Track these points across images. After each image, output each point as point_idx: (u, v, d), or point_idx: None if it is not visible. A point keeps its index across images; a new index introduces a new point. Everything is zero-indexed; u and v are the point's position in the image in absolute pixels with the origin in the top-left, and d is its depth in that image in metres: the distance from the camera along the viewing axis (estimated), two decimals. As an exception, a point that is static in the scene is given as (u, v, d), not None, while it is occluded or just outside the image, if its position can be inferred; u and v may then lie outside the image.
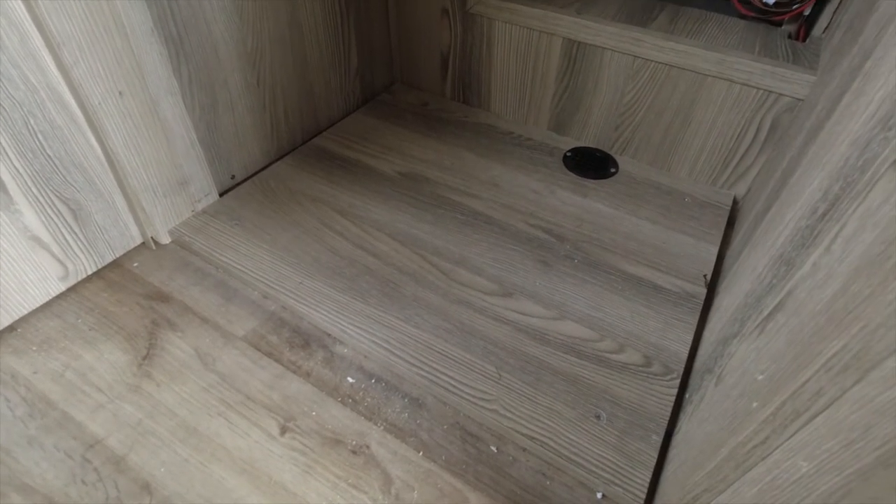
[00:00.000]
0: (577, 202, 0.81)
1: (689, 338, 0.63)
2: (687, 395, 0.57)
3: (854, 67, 0.49)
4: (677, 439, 0.52)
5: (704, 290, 0.69)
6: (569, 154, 0.90)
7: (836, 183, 0.38)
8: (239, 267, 0.68)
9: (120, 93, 0.58)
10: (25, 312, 0.61)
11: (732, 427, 0.36)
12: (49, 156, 0.56)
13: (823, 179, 0.42)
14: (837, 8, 0.73)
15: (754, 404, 0.34)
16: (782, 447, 0.30)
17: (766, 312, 0.41)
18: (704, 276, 0.70)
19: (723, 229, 0.78)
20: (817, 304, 0.31)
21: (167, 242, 0.72)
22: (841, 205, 0.35)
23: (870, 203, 0.30)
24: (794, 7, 0.75)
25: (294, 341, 0.62)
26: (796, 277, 0.37)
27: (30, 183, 0.55)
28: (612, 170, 0.87)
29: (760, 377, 0.35)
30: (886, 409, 0.23)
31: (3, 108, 0.50)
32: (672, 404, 0.56)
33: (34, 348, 0.59)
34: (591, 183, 0.84)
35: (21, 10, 0.48)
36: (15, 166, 0.53)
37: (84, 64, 0.53)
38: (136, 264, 0.69)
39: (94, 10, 0.52)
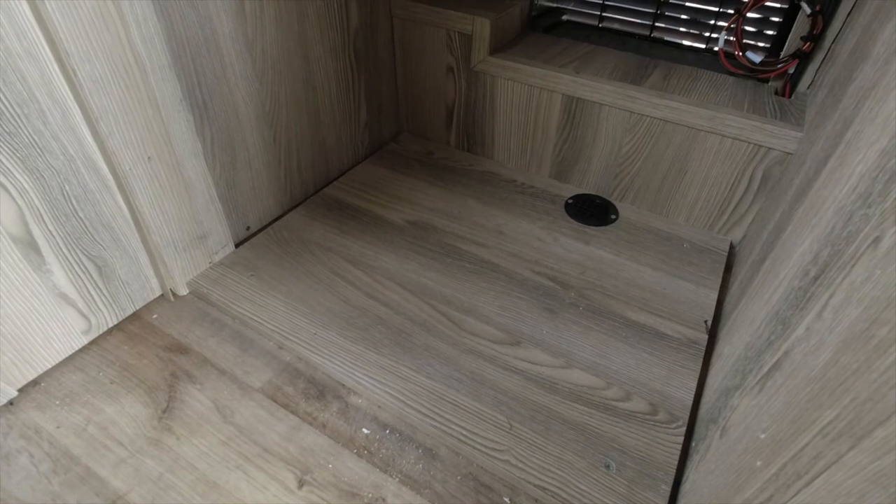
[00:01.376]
0: (580, 249, 0.84)
1: (693, 384, 0.65)
2: (693, 444, 0.59)
3: (837, 133, 0.53)
4: (685, 489, 0.54)
5: (706, 337, 0.71)
6: (570, 201, 0.93)
7: (824, 248, 0.41)
8: (255, 318, 0.70)
9: (149, 158, 0.61)
10: (49, 367, 0.63)
11: (738, 484, 0.38)
12: (81, 218, 0.59)
13: (813, 242, 0.45)
14: (819, 67, 0.78)
15: (758, 463, 0.36)
16: (786, 507, 0.32)
17: (765, 369, 0.43)
18: (705, 321, 0.73)
19: (721, 275, 0.80)
20: (812, 370, 0.33)
21: (185, 294, 0.74)
22: (830, 272, 0.38)
23: (854, 277, 0.33)
24: (779, 66, 0.80)
25: (309, 392, 0.64)
26: (791, 339, 0.39)
27: (61, 244, 0.58)
28: (613, 216, 0.91)
29: (762, 436, 0.37)
30: (878, 478, 0.25)
31: (44, 177, 0.53)
32: (679, 453, 0.58)
33: (57, 402, 0.61)
34: (592, 230, 0.88)
35: (65, 89, 0.52)
36: (49, 229, 0.56)
37: (119, 134, 0.57)
38: (155, 316, 0.72)
39: (132, 88, 0.56)
